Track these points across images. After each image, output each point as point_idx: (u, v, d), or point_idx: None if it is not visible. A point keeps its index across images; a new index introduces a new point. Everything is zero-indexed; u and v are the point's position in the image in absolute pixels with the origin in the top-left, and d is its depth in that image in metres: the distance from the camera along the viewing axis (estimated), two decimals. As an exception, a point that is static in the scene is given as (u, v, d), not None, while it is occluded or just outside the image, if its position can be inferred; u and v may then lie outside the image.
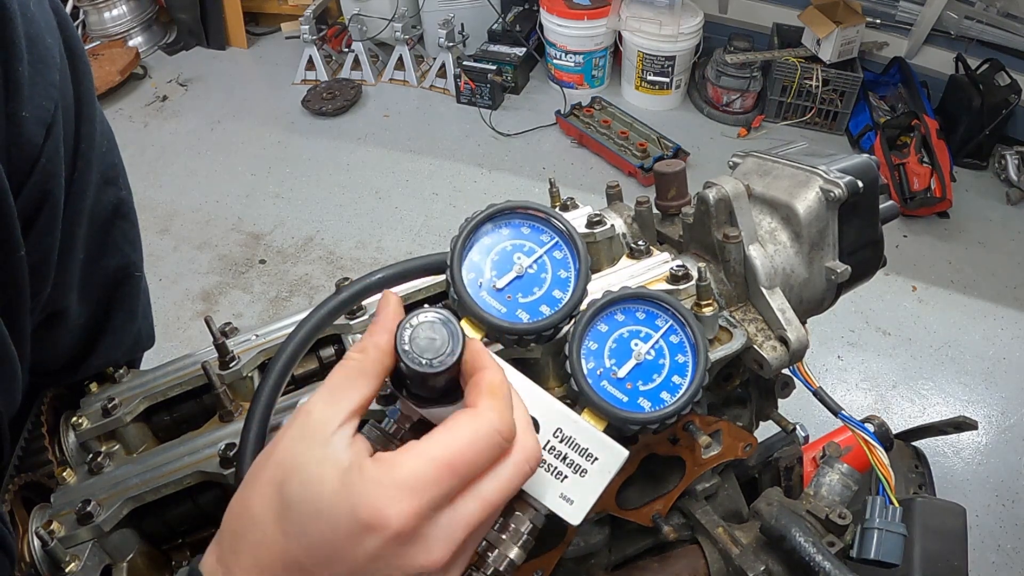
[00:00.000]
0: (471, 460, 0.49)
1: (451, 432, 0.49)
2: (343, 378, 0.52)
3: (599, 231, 0.83)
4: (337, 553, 0.47)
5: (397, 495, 0.46)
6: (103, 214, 0.84)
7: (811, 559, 0.74)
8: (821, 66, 3.31)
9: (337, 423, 0.50)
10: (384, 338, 0.53)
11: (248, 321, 2.58)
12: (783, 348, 0.78)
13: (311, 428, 0.50)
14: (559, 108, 3.49)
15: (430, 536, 0.48)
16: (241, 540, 0.50)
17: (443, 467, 0.48)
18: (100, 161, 0.82)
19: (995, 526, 2.04)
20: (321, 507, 0.47)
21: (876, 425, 1.11)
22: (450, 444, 0.49)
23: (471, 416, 0.50)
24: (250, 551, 0.49)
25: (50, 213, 0.73)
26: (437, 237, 2.93)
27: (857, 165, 0.84)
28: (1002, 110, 3.11)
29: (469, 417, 0.50)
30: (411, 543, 0.47)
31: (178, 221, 3.04)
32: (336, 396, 0.51)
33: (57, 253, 0.75)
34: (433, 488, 0.47)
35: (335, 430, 0.49)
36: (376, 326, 0.54)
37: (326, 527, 0.47)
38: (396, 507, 0.46)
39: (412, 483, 0.47)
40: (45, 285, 0.76)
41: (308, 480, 0.48)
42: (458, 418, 0.50)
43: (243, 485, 0.52)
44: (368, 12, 3.75)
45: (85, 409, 0.81)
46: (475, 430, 0.49)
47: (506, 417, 0.51)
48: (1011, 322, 2.63)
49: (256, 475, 0.51)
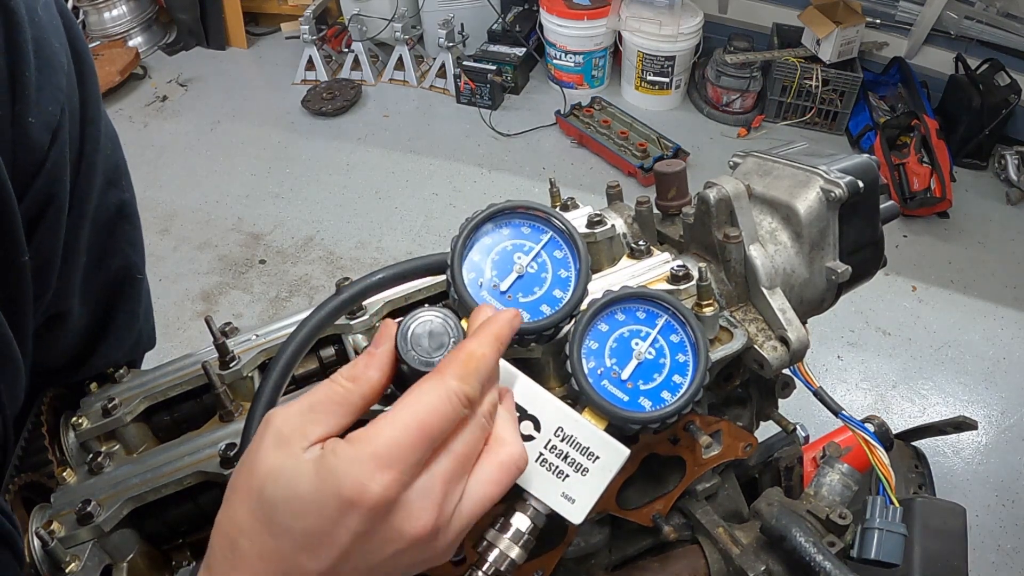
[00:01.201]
0: (438, 425, 0.49)
1: (417, 398, 0.50)
2: (325, 401, 0.52)
3: (599, 231, 0.83)
4: (327, 539, 0.47)
5: (375, 466, 0.46)
6: (106, 216, 0.84)
7: (811, 559, 0.74)
8: (821, 66, 3.31)
9: (309, 442, 0.49)
10: (378, 375, 0.53)
11: (248, 321, 2.57)
12: (783, 348, 0.78)
13: (284, 438, 0.50)
14: (559, 108, 3.49)
15: (412, 502, 0.48)
16: (232, 553, 0.50)
17: (414, 433, 0.48)
18: (104, 163, 0.82)
19: (995, 526, 2.04)
20: (304, 499, 0.47)
21: (876, 425, 1.11)
22: (417, 410, 0.49)
23: (434, 381, 0.50)
24: (243, 561, 0.49)
25: (54, 216, 0.73)
26: (437, 237, 2.93)
27: (857, 165, 0.84)
28: (1002, 110, 3.11)
29: (432, 382, 0.50)
30: (395, 512, 0.47)
31: (178, 221, 3.04)
32: (313, 416, 0.51)
33: (60, 255, 0.75)
34: (408, 453, 0.47)
35: (307, 447, 0.49)
36: (373, 358, 0.54)
37: (312, 516, 0.47)
38: (376, 478, 0.46)
39: (388, 451, 0.47)
40: (48, 287, 0.76)
41: (286, 480, 0.48)
42: (422, 384, 0.51)
43: (225, 501, 0.52)
44: (368, 12, 3.75)
45: (85, 409, 0.81)
46: (437, 394, 0.49)
47: (467, 383, 0.51)
48: (1011, 322, 2.63)
49: (236, 488, 0.51)
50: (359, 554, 0.48)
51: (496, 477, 0.53)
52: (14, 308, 0.70)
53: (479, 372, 0.52)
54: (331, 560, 0.48)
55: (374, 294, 0.69)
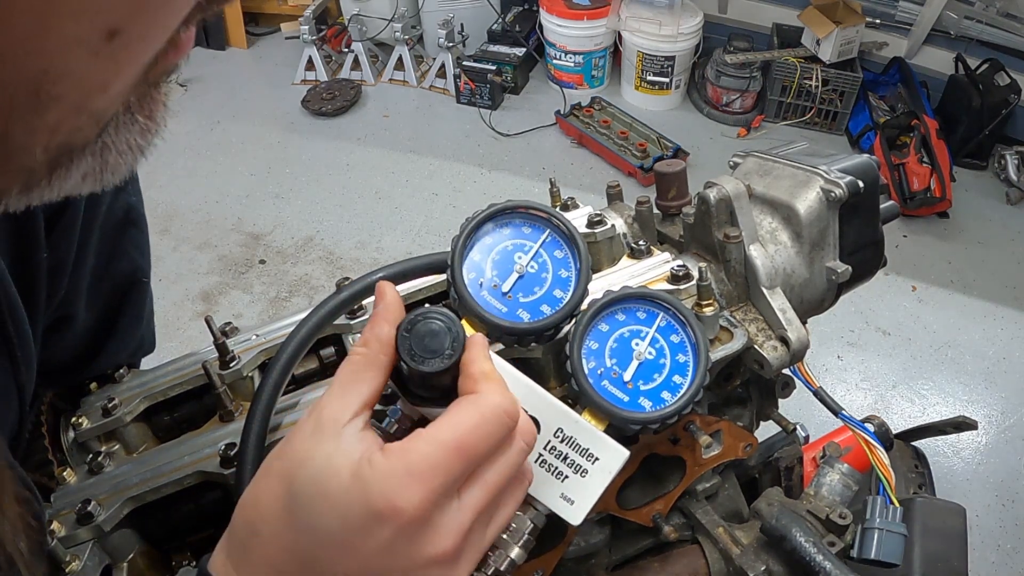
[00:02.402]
0: (478, 443, 0.48)
1: (457, 416, 0.49)
2: (350, 372, 0.52)
3: (600, 231, 0.83)
4: (348, 546, 0.47)
5: (408, 482, 0.46)
6: (115, 220, 0.85)
7: (811, 559, 0.74)
8: (821, 66, 3.31)
9: (348, 416, 0.49)
10: (385, 329, 0.53)
11: (248, 321, 2.57)
12: (784, 348, 0.78)
13: (322, 423, 0.50)
14: (559, 108, 3.48)
15: (440, 524, 0.48)
16: (251, 536, 0.50)
17: (451, 451, 0.47)
18: None
19: (995, 526, 2.04)
20: (331, 500, 0.47)
21: (876, 425, 1.11)
22: (457, 428, 0.48)
23: (474, 400, 0.50)
24: (260, 547, 0.49)
25: (71, 216, 0.74)
26: (437, 237, 2.93)
27: (857, 165, 0.84)
28: (1002, 110, 3.11)
29: (472, 401, 0.50)
30: (421, 532, 0.47)
31: (178, 221, 3.04)
32: (346, 390, 0.51)
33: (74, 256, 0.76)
34: (443, 473, 0.47)
35: (346, 423, 0.49)
36: (376, 318, 0.54)
37: (336, 520, 0.47)
38: (407, 494, 0.46)
39: (422, 469, 0.46)
40: (60, 287, 0.76)
41: (318, 474, 0.48)
42: (461, 403, 0.50)
43: (254, 481, 0.52)
44: (368, 12, 3.75)
45: (85, 409, 0.81)
46: (480, 413, 0.49)
47: (508, 396, 0.51)
48: (1011, 322, 2.63)
49: (267, 471, 0.51)
50: (379, 567, 0.47)
51: (520, 497, 0.54)
52: (28, 306, 0.70)
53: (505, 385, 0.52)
54: (350, 567, 0.47)
55: (374, 294, 0.69)
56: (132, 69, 0.37)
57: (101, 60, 0.34)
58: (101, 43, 0.33)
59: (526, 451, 0.52)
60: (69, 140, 0.38)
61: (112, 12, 0.32)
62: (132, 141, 0.42)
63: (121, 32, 0.33)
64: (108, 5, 0.32)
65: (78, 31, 0.32)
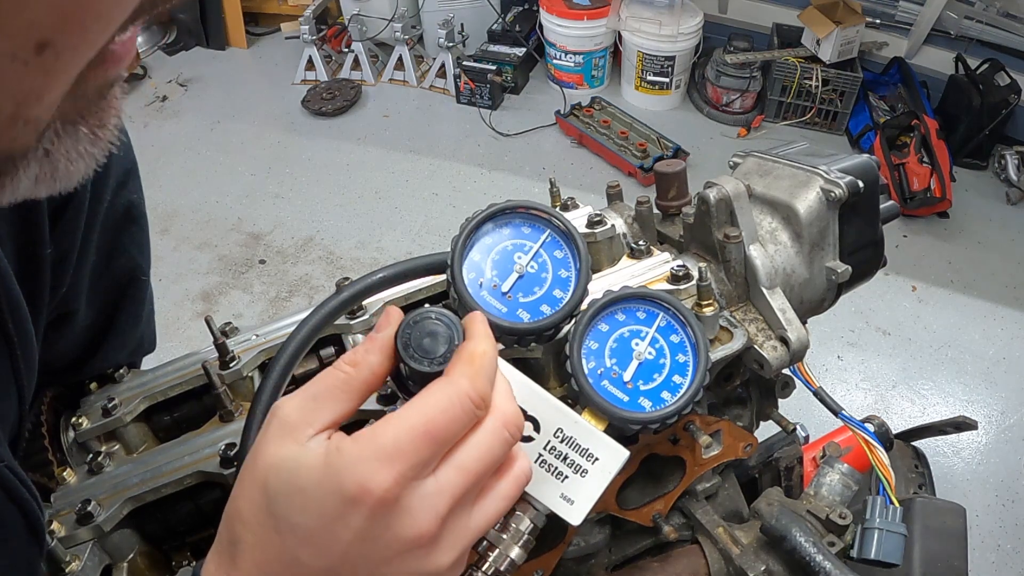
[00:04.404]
0: (446, 426, 0.48)
1: (425, 399, 0.49)
2: (328, 388, 0.51)
3: (600, 231, 0.83)
4: (328, 537, 0.47)
5: (378, 465, 0.46)
6: (116, 217, 0.85)
7: (811, 559, 0.74)
8: (821, 66, 3.31)
9: (313, 431, 0.49)
10: (378, 359, 0.52)
11: (248, 321, 2.57)
12: (783, 348, 0.78)
13: (288, 429, 0.49)
14: (559, 108, 3.48)
15: (413, 507, 0.47)
16: (237, 545, 0.50)
17: (419, 433, 0.47)
18: (117, 164, 0.82)
19: (995, 526, 2.04)
20: (307, 494, 0.47)
21: (876, 425, 1.11)
22: (425, 410, 0.48)
23: (444, 383, 0.50)
24: (247, 555, 0.49)
25: (75, 212, 0.74)
26: (437, 237, 2.93)
27: (857, 165, 0.84)
28: (1002, 110, 3.11)
29: (442, 384, 0.50)
30: (396, 514, 0.47)
31: (178, 221, 3.04)
32: (317, 403, 0.50)
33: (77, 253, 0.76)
34: (411, 454, 0.47)
35: (311, 436, 0.49)
36: (375, 343, 0.53)
37: (314, 513, 0.47)
38: (378, 477, 0.46)
39: (390, 451, 0.47)
40: (63, 283, 0.76)
41: (290, 473, 0.48)
42: (432, 386, 0.50)
43: (233, 494, 0.52)
44: (368, 12, 3.75)
45: (85, 409, 0.81)
46: (448, 396, 0.49)
47: (478, 383, 0.50)
48: (1011, 322, 2.63)
49: (242, 480, 0.51)
50: (358, 555, 0.48)
51: (512, 492, 0.53)
52: (31, 302, 0.70)
53: (486, 370, 0.51)
54: (331, 559, 0.48)
55: (374, 294, 0.69)
56: (65, 77, 0.38)
57: (32, 71, 0.35)
58: (31, 55, 0.34)
59: (508, 439, 0.52)
60: (10, 147, 0.39)
61: (41, 26, 0.33)
62: (82, 149, 0.43)
63: (51, 44, 0.34)
64: (37, 20, 0.33)
65: (10, 47, 0.33)
